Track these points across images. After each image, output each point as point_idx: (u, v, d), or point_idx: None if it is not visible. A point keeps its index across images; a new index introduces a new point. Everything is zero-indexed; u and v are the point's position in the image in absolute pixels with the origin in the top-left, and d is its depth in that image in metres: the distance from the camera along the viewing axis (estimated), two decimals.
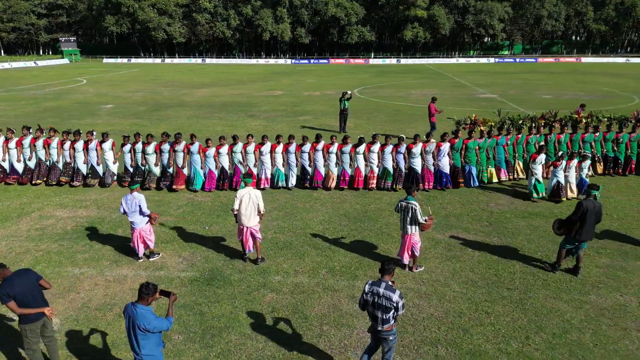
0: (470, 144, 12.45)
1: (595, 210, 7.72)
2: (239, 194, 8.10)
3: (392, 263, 5.40)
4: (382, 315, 5.22)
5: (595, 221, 7.78)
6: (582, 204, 7.71)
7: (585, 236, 7.76)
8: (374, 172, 12.32)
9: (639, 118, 13.79)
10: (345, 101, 20.07)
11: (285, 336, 6.36)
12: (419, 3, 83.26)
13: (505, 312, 6.94)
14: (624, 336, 6.40)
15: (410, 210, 7.80)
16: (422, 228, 7.96)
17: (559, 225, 8.02)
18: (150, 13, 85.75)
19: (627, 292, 7.47)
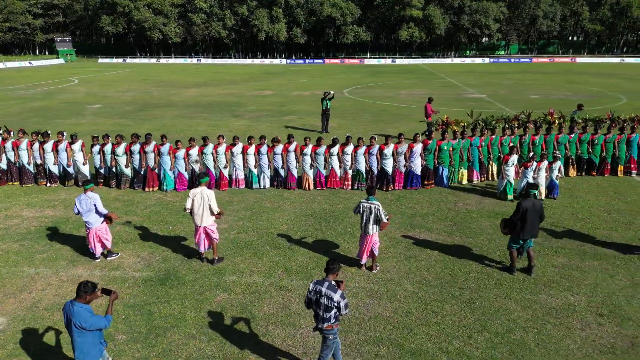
0: (444, 145, 12.46)
1: (536, 209, 7.76)
2: (192, 193, 8.13)
3: (336, 263, 5.43)
4: (323, 314, 5.27)
5: (538, 220, 7.83)
6: (522, 204, 7.76)
7: (527, 235, 7.81)
8: (348, 174, 12.33)
9: (614, 119, 13.82)
10: (327, 101, 20.11)
11: (229, 336, 6.39)
12: (415, 3, 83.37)
13: (453, 312, 6.97)
14: (566, 335, 6.43)
15: (373, 210, 7.84)
16: (380, 227, 8.01)
17: (504, 225, 8.07)
18: (145, 13, 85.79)
19: (579, 292, 7.50)
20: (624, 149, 13.25)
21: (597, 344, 6.26)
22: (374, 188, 8.10)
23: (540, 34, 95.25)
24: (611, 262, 8.47)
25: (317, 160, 12.28)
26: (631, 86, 37.55)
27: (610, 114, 13.99)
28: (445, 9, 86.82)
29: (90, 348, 4.92)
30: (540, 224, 8.08)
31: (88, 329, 4.81)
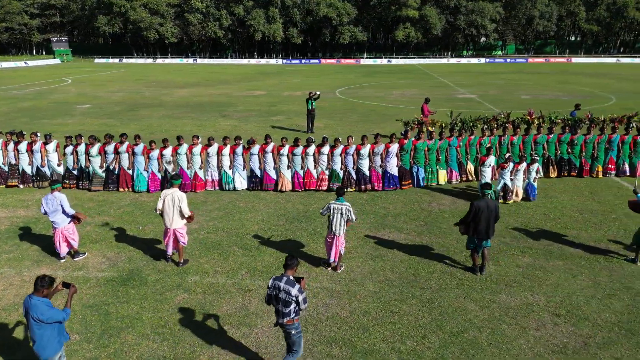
0: (419, 145, 12.48)
1: (490, 209, 7.78)
2: (163, 194, 8.15)
3: (294, 259, 5.52)
4: (283, 309, 5.37)
5: (493, 219, 7.85)
6: (474, 204, 7.79)
7: (481, 235, 7.83)
8: (324, 174, 12.31)
9: (593, 119, 13.82)
10: (312, 101, 20.12)
11: (183, 336, 6.40)
12: (410, 3, 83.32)
13: (410, 312, 6.99)
14: (520, 335, 6.45)
15: (344, 211, 7.87)
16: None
17: (460, 224, 8.10)
18: (142, 13, 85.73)
19: (539, 292, 7.52)
20: (603, 150, 13.26)
21: (549, 344, 6.29)
22: (343, 189, 8.15)
23: (537, 34, 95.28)
24: (576, 262, 8.50)
25: (295, 161, 12.28)
26: (623, 86, 37.59)
27: (590, 114, 14.00)
28: (442, 9, 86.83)
29: (48, 341, 5.01)
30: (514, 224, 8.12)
31: (45, 322, 4.93)
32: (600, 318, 6.83)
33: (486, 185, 8.08)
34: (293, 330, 5.48)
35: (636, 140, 13.11)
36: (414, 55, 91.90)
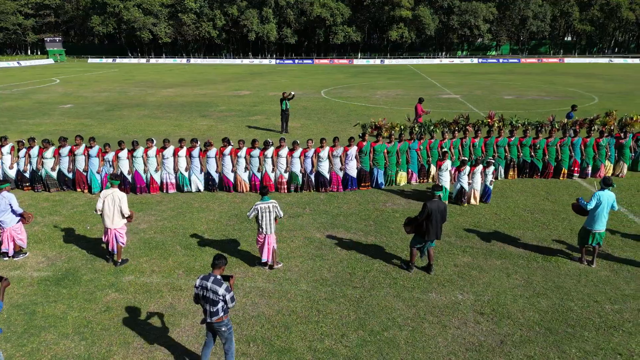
0: (378, 147, 12.51)
1: (440, 210, 7.84)
2: (103, 194, 8.20)
3: (222, 258, 5.59)
4: (210, 308, 5.46)
5: (440, 220, 7.91)
6: (427, 205, 7.82)
7: (432, 235, 7.89)
8: (283, 177, 12.30)
9: (554, 123, 13.84)
10: (287, 101, 20.16)
11: (102, 335, 6.44)
12: (404, 3, 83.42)
13: (337, 310, 7.03)
14: (440, 334, 6.50)
15: (272, 209, 7.94)
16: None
17: (407, 224, 8.14)
18: (135, 13, 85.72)
19: (469, 291, 7.58)
20: (567, 152, 13.26)
21: (466, 342, 6.34)
22: (266, 188, 8.23)
23: (531, 34, 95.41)
24: (514, 261, 8.55)
25: (252, 163, 12.20)
26: (609, 87, 37.66)
27: (552, 117, 14.03)
28: (435, 9, 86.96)
29: None
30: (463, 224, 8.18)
31: None
32: (523, 317, 6.88)
33: (437, 187, 8.12)
34: (223, 327, 5.57)
35: (598, 143, 13.15)
36: (408, 56, 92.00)
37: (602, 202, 8.12)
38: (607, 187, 8.21)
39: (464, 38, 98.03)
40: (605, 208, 8.14)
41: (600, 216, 8.15)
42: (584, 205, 8.20)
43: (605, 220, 8.22)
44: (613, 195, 8.24)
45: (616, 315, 6.89)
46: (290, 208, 11.19)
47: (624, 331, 6.53)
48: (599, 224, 8.18)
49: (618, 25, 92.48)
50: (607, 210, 8.16)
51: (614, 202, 8.23)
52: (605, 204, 8.12)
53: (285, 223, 10.28)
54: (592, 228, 8.21)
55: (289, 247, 9.12)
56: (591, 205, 8.14)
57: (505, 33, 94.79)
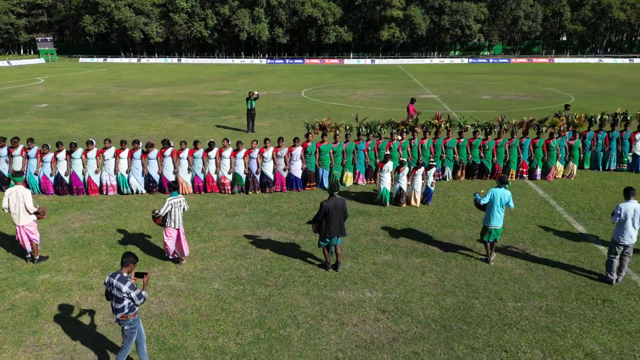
0: (323, 147, 12.54)
1: (338, 207, 7.92)
2: (7, 192, 8.25)
3: (130, 256, 5.69)
4: (116, 305, 5.56)
5: (342, 218, 7.98)
6: (323, 204, 7.92)
7: (333, 233, 7.96)
8: (226, 178, 12.28)
9: (503, 124, 13.88)
10: (252, 101, 20.21)
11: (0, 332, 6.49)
12: (395, 3, 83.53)
13: (242, 309, 7.08)
14: (336, 331, 6.55)
15: (182, 202, 8.14)
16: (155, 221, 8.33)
17: (311, 223, 8.22)
18: (126, 12, 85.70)
19: (379, 289, 7.63)
20: (515, 153, 13.27)
21: (359, 339, 6.39)
22: (177, 183, 8.32)
23: (523, 34, 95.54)
24: (433, 259, 8.60)
25: (195, 164, 12.24)
26: (592, 87, 37.75)
27: (501, 118, 14.06)
28: (426, 9, 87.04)
29: None
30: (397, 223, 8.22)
31: None
32: (423, 314, 6.93)
33: (334, 186, 8.21)
34: (126, 326, 5.62)
35: (549, 144, 13.20)
36: (400, 56, 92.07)
37: (495, 199, 8.22)
38: (503, 185, 8.31)
39: (456, 38, 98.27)
40: (499, 205, 8.23)
41: (494, 213, 8.25)
42: (478, 200, 8.32)
43: (501, 217, 8.31)
44: (508, 193, 8.33)
45: (516, 313, 6.94)
46: (229, 207, 11.25)
47: (518, 328, 6.58)
48: (494, 220, 8.27)
49: (610, 25, 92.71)
50: (501, 207, 8.26)
51: (509, 200, 8.34)
52: (499, 201, 8.22)
53: (219, 222, 10.33)
54: (488, 224, 8.31)
55: (215, 246, 9.16)
56: (485, 200, 8.26)
57: (497, 33, 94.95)
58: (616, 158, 13.92)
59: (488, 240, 8.43)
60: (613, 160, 13.91)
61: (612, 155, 13.89)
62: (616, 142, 13.83)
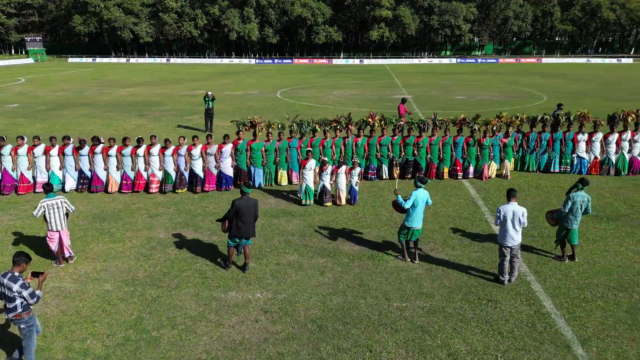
0: (254, 145, 12.53)
1: (249, 208, 7.91)
2: None
3: (21, 255, 5.70)
4: (8, 304, 5.58)
5: (252, 218, 7.97)
6: (235, 203, 7.89)
7: (243, 233, 7.94)
8: (155, 176, 12.26)
9: (436, 122, 13.83)
10: (210, 101, 20.19)
11: None
12: (384, 3, 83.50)
13: (124, 310, 7.04)
14: (209, 332, 6.50)
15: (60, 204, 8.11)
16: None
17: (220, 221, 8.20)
18: (115, 12, 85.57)
19: (271, 290, 7.59)
20: (449, 151, 13.32)
21: (230, 340, 6.36)
22: (51, 185, 8.31)
23: (513, 34, 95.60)
24: (338, 259, 8.57)
25: (124, 162, 12.19)
26: (570, 86, 37.74)
27: (434, 116, 13.99)
28: (416, 9, 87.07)
29: None
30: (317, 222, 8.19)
31: None
32: (305, 315, 6.91)
33: (246, 185, 8.18)
34: (22, 325, 5.66)
35: (481, 142, 13.21)
36: (391, 56, 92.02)
37: (418, 200, 8.20)
38: (422, 186, 8.29)
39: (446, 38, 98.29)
40: (421, 205, 8.22)
41: (417, 214, 8.23)
42: (401, 203, 8.28)
43: (421, 218, 8.30)
44: (427, 193, 8.34)
45: (397, 313, 6.92)
46: (154, 207, 11.22)
47: (392, 328, 6.56)
48: (416, 221, 8.26)
49: (600, 25, 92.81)
50: (422, 207, 8.25)
51: (427, 199, 8.35)
52: (421, 202, 8.21)
53: (138, 223, 10.30)
54: (410, 225, 8.29)
55: (123, 247, 9.13)
56: (409, 204, 8.21)
57: (487, 33, 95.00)
58: (559, 160, 13.90)
59: (406, 239, 8.42)
60: (556, 162, 13.86)
61: (555, 157, 13.85)
62: (559, 144, 13.82)
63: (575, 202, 8.17)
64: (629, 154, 13.42)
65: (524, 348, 6.15)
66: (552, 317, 6.78)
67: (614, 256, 8.59)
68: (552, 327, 6.56)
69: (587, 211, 8.28)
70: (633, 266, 8.21)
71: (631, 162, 13.42)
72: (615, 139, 13.38)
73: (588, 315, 6.81)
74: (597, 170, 13.55)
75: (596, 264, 8.32)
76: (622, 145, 13.42)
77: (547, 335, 6.39)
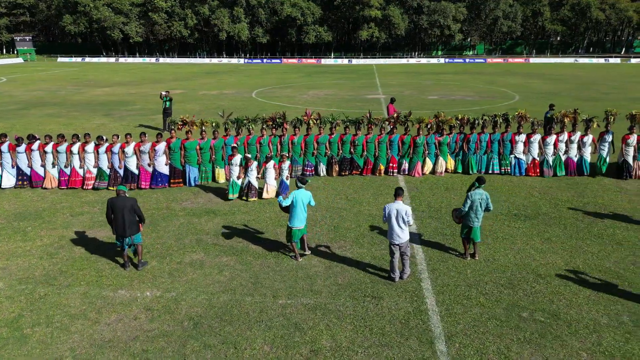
0: (188, 144, 12.58)
1: (125, 207, 7.93)
2: None
3: None
4: None
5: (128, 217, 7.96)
6: (109, 200, 7.98)
7: (118, 231, 7.99)
8: (91, 172, 12.36)
9: (371, 120, 13.85)
10: (167, 101, 20.23)
11: None
12: (373, 3, 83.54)
13: (8, 307, 7.06)
14: (82, 330, 6.52)
15: None
16: None
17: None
18: (105, 12, 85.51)
19: (162, 288, 7.61)
20: (384, 149, 13.39)
21: (99, 338, 6.38)
22: None
23: (503, 34, 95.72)
24: (242, 258, 8.59)
25: (59, 159, 12.26)
26: (547, 87, 37.78)
27: (369, 114, 14.00)
28: (405, 9, 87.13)
29: None
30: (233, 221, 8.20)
31: None
32: (186, 312, 6.94)
33: (121, 184, 8.26)
34: None
35: (415, 140, 13.28)
36: (381, 56, 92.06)
37: (297, 200, 8.26)
38: (303, 186, 8.37)
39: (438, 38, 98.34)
40: (301, 206, 8.28)
41: (297, 214, 8.29)
42: (280, 202, 8.33)
43: (304, 218, 8.36)
44: (308, 194, 8.44)
45: (278, 310, 6.95)
46: (80, 206, 11.23)
47: (267, 325, 6.59)
48: (297, 222, 8.32)
49: (590, 25, 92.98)
50: (303, 208, 8.32)
51: (310, 200, 8.46)
52: (300, 203, 8.27)
53: (57, 221, 10.33)
54: (292, 225, 8.34)
55: (32, 245, 9.14)
56: (287, 203, 8.27)
57: (477, 33, 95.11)
58: (499, 161, 13.89)
59: (293, 240, 8.47)
60: (495, 163, 13.84)
61: (494, 157, 13.83)
62: (497, 145, 13.82)
63: (474, 201, 8.22)
64: (565, 155, 13.46)
65: (388, 344, 6.19)
66: (428, 314, 6.83)
67: (515, 254, 8.66)
68: (424, 324, 6.61)
69: (487, 209, 8.34)
70: (530, 264, 8.27)
71: (567, 163, 13.46)
72: (553, 140, 13.42)
73: (465, 312, 6.87)
74: (535, 171, 13.56)
75: (494, 262, 8.38)
76: (559, 147, 13.46)
77: (416, 332, 6.44)
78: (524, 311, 6.86)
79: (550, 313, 6.80)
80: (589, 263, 8.27)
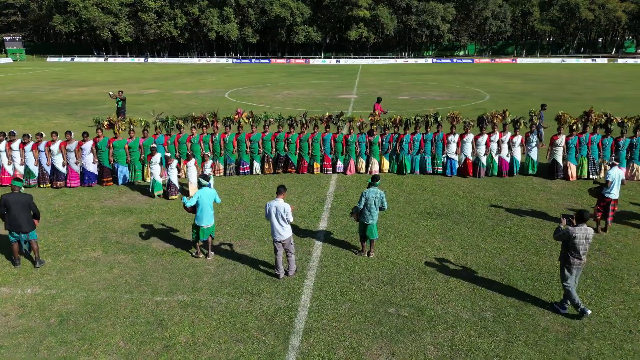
0: (116, 143, 12.60)
1: (22, 203, 7.99)
2: None
3: None
4: None
5: (25, 213, 8.03)
6: (2, 197, 8.01)
7: (13, 227, 8.02)
8: (17, 171, 12.34)
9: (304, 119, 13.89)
10: (120, 101, 20.34)
11: None
12: (362, 3, 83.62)
13: None
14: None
15: None
16: None
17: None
18: (94, 12, 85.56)
19: (46, 285, 7.64)
20: (318, 147, 13.44)
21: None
22: None
23: (492, 34, 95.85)
24: (140, 257, 8.63)
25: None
26: (518, 86, 37.84)
27: (303, 114, 14.03)
28: (394, 9, 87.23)
29: None
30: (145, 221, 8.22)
31: None
32: (58, 309, 6.96)
33: (16, 179, 8.31)
34: None
35: (347, 139, 13.33)
36: (371, 56, 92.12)
37: (202, 199, 8.28)
38: (206, 185, 8.41)
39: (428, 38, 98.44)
40: (207, 205, 8.30)
41: (203, 212, 8.30)
42: (184, 203, 8.35)
43: (211, 216, 8.38)
44: (213, 191, 8.47)
45: (150, 307, 6.99)
46: None
47: (132, 321, 6.63)
48: (204, 220, 8.33)
49: (579, 25, 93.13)
50: (209, 207, 8.34)
51: (215, 197, 8.48)
52: (206, 201, 8.29)
53: None
54: (199, 224, 8.36)
55: None
56: (191, 203, 8.29)
57: (467, 33, 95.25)
58: (431, 161, 13.86)
59: (202, 238, 8.47)
60: (428, 163, 13.82)
61: (427, 157, 13.85)
62: (430, 144, 13.82)
63: (368, 199, 8.26)
64: (497, 155, 13.49)
65: (244, 339, 6.23)
66: (298, 310, 6.87)
67: (410, 251, 8.70)
68: (290, 320, 6.65)
69: (382, 207, 8.38)
70: (420, 261, 8.32)
71: (500, 164, 13.49)
72: (485, 140, 13.45)
73: (334, 308, 6.91)
74: (467, 171, 13.58)
75: (386, 259, 8.42)
76: (491, 147, 13.49)
77: (277, 328, 6.48)
78: (392, 307, 6.91)
79: (417, 308, 6.85)
80: (479, 260, 8.33)
